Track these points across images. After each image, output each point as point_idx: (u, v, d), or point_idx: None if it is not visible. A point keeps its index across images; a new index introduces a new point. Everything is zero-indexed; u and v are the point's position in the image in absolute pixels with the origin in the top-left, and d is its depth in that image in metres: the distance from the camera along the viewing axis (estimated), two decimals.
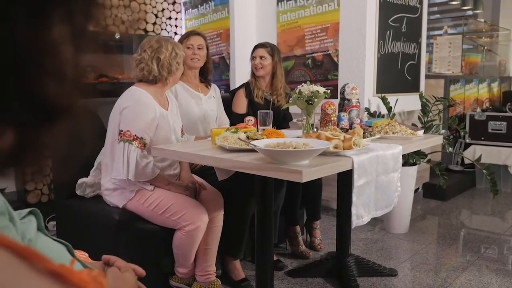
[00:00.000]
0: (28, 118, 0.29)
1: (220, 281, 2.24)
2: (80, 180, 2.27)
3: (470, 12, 6.38)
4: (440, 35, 6.09)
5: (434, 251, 2.95)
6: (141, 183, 2.09)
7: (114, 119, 2.10)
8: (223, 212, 2.27)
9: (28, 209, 0.77)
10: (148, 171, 2.05)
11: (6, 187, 3.08)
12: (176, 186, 2.16)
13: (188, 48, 2.60)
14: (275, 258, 2.57)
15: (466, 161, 4.52)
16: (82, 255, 1.05)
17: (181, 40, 2.65)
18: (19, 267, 0.29)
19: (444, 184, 3.27)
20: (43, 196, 3.25)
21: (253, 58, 2.85)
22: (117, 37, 3.74)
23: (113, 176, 2.09)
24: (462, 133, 3.87)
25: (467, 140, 4.75)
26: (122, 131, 2.04)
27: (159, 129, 2.12)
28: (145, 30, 3.92)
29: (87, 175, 2.28)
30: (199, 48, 2.62)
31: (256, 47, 2.89)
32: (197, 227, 2.03)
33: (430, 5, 5.82)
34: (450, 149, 3.38)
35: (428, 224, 3.55)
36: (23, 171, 0.32)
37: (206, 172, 2.42)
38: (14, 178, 3.17)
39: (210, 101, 2.70)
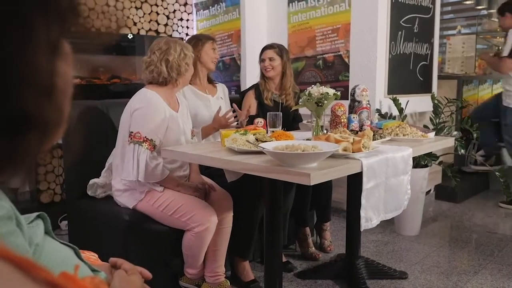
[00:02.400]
0: (4, 130, 0.29)
1: (229, 282, 2.25)
2: (92, 181, 2.29)
3: (484, 12, 6.30)
4: (454, 35, 6.03)
5: (445, 254, 2.92)
6: (151, 184, 2.10)
7: (125, 121, 2.12)
8: (232, 213, 2.28)
9: (36, 213, 0.78)
10: (157, 172, 2.06)
11: (19, 187, 3.13)
12: (186, 187, 2.17)
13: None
14: (284, 259, 2.57)
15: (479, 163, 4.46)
16: (91, 256, 1.06)
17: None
18: (18, 279, 0.30)
19: (456, 186, 3.23)
20: (56, 196, 3.30)
21: (262, 60, 2.86)
22: (130, 37, 3.77)
23: (123, 177, 2.11)
24: (475, 135, 3.82)
25: None
26: (132, 132, 2.06)
27: (169, 131, 2.14)
28: (157, 32, 3.95)
29: (98, 175, 2.31)
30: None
31: (264, 48, 2.89)
32: (206, 228, 2.04)
33: (443, 5, 5.76)
34: (462, 151, 3.34)
35: (439, 227, 3.52)
36: (5, 182, 0.33)
37: (215, 173, 2.43)
38: (27, 178, 3.21)
39: (218, 102, 2.71)
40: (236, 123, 2.58)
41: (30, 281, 0.31)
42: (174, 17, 4.08)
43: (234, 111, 2.58)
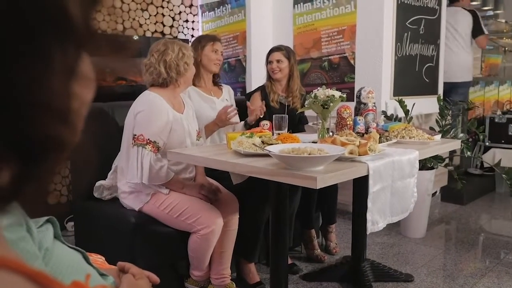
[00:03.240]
0: (23, 155, 0.29)
1: (235, 284, 2.25)
2: (98, 183, 2.30)
3: (490, 13, 6.26)
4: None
5: (452, 256, 2.91)
6: (157, 186, 2.11)
7: (129, 124, 2.12)
8: (238, 216, 2.28)
9: (46, 217, 0.79)
10: (162, 174, 2.07)
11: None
12: (191, 188, 2.17)
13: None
14: (290, 261, 2.57)
15: (486, 165, 4.44)
16: (98, 259, 1.07)
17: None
18: None
19: (462, 188, 3.22)
20: (62, 197, 3.31)
21: (269, 62, 2.85)
22: (135, 38, 3.78)
23: (127, 180, 2.12)
24: (481, 137, 3.80)
25: (487, 143, 4.67)
26: (135, 135, 2.06)
27: (173, 133, 2.14)
28: (162, 33, 3.96)
29: (104, 177, 2.31)
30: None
31: (271, 50, 2.89)
32: (212, 230, 2.05)
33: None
34: (469, 153, 3.33)
35: (446, 229, 3.51)
36: (26, 204, 0.33)
37: (221, 175, 2.43)
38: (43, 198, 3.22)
39: (224, 104, 2.71)
40: (237, 120, 2.57)
41: None
42: (180, 18, 4.09)
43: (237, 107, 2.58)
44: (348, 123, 2.26)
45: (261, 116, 2.61)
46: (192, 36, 4.15)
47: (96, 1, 0.32)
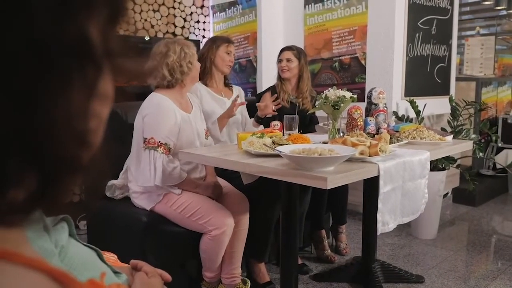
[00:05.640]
0: (41, 174, 0.30)
1: (249, 283, 2.26)
2: (110, 182, 2.32)
3: (504, 12, 6.20)
4: (472, 36, 5.95)
5: (463, 258, 2.89)
6: (169, 186, 2.12)
7: (138, 126, 2.14)
8: (248, 216, 2.29)
9: (61, 216, 0.80)
10: (175, 175, 2.08)
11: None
12: (204, 188, 2.19)
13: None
14: (300, 261, 2.58)
15: (498, 166, 4.40)
16: (111, 257, 1.08)
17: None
18: None
19: (474, 189, 3.20)
20: (74, 196, 3.34)
21: (279, 60, 2.87)
22: (146, 39, 3.81)
23: (139, 183, 2.13)
24: (494, 137, 3.77)
25: (499, 144, 4.62)
26: (146, 139, 2.07)
27: (182, 133, 2.15)
28: (174, 34, 3.99)
29: (116, 177, 2.34)
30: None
31: (282, 50, 2.90)
32: (223, 232, 2.06)
33: (462, 5, 5.69)
34: (481, 154, 3.30)
35: (457, 230, 3.48)
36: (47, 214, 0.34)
37: (231, 175, 2.44)
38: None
39: None
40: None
41: None
42: (191, 19, 4.11)
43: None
44: (359, 123, 2.25)
45: (271, 116, 2.62)
46: (203, 37, 4.17)
47: (115, 23, 0.33)
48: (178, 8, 4.00)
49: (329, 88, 2.14)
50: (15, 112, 0.27)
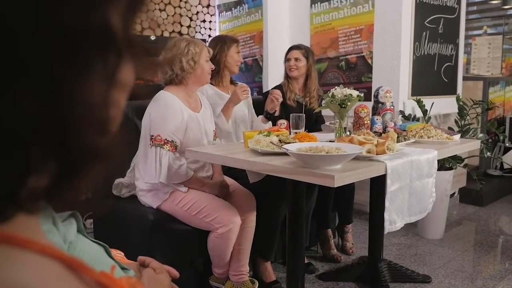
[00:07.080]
0: (63, 164, 0.30)
1: (257, 283, 2.26)
2: (117, 181, 2.33)
3: (511, 11, 6.17)
4: (479, 35, 5.92)
5: (470, 258, 2.87)
6: (176, 184, 2.13)
7: (145, 124, 2.14)
8: (255, 213, 2.29)
9: (69, 212, 0.80)
10: (181, 173, 2.09)
11: None
12: (210, 186, 2.19)
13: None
14: (306, 261, 2.57)
15: (506, 166, 4.37)
16: (118, 254, 1.08)
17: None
18: (70, 279, 0.32)
19: (481, 189, 3.18)
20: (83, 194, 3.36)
21: (287, 59, 2.86)
22: (152, 38, 3.82)
23: (145, 180, 2.14)
24: (501, 137, 3.74)
25: (507, 144, 4.58)
26: (153, 136, 2.08)
27: (189, 131, 2.15)
28: (180, 33, 3.99)
29: (123, 175, 2.34)
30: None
31: (290, 48, 2.90)
32: (230, 229, 2.06)
33: (469, 5, 5.66)
34: (488, 153, 3.28)
35: (464, 230, 3.46)
36: (58, 205, 0.34)
37: (238, 174, 2.44)
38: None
39: (240, 103, 2.72)
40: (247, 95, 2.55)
41: (79, 280, 0.33)
42: (197, 18, 4.12)
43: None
44: (365, 122, 2.25)
45: (277, 115, 2.62)
46: (209, 36, 4.18)
47: (136, 12, 0.33)
48: (184, 7, 4.01)
49: (336, 87, 2.14)
50: (41, 98, 0.27)
